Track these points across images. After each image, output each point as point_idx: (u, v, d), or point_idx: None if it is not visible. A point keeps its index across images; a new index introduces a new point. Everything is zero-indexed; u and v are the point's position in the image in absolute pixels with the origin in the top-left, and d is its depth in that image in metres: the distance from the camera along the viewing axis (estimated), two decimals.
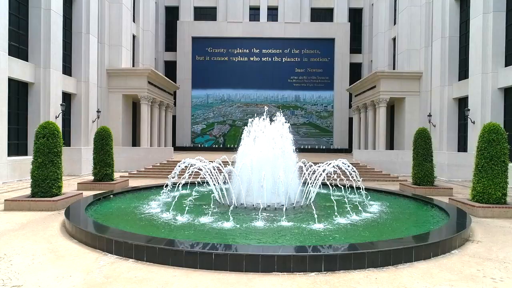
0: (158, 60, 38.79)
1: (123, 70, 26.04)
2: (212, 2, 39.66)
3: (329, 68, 39.09)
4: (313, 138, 39.16)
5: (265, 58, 39.29)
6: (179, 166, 10.46)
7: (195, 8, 39.88)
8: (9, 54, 16.93)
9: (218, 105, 39.44)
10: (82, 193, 11.72)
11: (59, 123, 20.15)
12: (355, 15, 40.15)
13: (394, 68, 30.64)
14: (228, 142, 39.07)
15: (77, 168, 19.76)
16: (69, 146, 22.43)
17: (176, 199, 9.61)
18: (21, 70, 18.09)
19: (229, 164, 12.91)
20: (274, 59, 39.32)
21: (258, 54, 39.28)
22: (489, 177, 10.40)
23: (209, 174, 10.40)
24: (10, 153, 17.27)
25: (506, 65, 18.59)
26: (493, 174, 10.38)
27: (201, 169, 10.77)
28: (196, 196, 10.55)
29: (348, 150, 37.42)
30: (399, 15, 27.92)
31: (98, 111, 23.99)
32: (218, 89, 39.27)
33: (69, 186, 15.35)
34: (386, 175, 19.45)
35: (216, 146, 38.80)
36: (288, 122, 12.38)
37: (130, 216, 9.04)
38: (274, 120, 11.97)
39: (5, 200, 10.36)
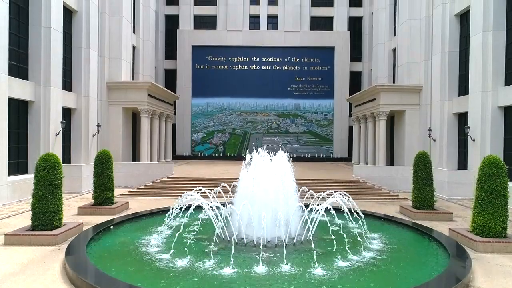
0: (158, 68, 38.79)
1: (123, 83, 26.03)
2: (212, 10, 39.67)
3: (329, 77, 39.11)
4: (313, 146, 39.17)
5: (265, 67, 39.31)
6: (177, 204, 10.46)
7: (195, 17, 39.87)
8: (9, 74, 16.89)
9: (218, 114, 39.46)
10: (82, 223, 11.69)
11: (59, 140, 20.17)
12: (355, 23, 40.15)
13: (394, 79, 30.66)
14: (228, 151, 39.11)
15: (77, 185, 19.74)
16: (69, 161, 22.47)
17: (177, 233, 9.60)
18: (21, 89, 18.08)
19: (229, 190, 12.95)
20: (274, 67, 39.35)
21: (258, 63, 39.31)
22: (489, 211, 10.39)
23: (211, 214, 10.37)
24: (10, 172, 17.25)
25: (506, 84, 18.58)
26: (493, 208, 10.37)
27: (200, 194, 10.84)
28: (197, 228, 10.46)
29: (348, 159, 37.44)
30: (399, 28, 27.91)
31: (98, 125, 23.99)
32: (218, 97, 39.30)
33: (69, 208, 15.31)
34: (386, 193, 19.44)
35: (216, 154, 38.81)
36: (287, 152, 12.41)
37: (130, 257, 9.01)
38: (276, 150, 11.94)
39: (5, 235, 10.34)
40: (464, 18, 22.53)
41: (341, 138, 38.70)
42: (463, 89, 22.34)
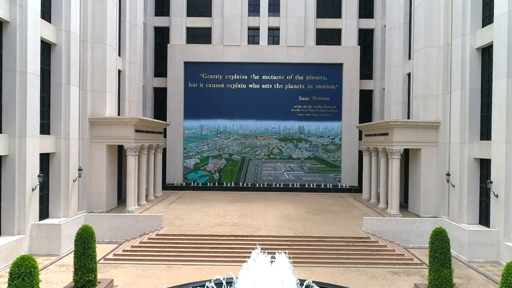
0: (147, 87, 38.69)
1: (107, 119, 25.96)
2: (207, 22, 39.57)
3: (337, 96, 39.07)
4: (319, 174, 39.14)
5: (266, 85, 39.27)
6: None
7: (188, 29, 39.77)
8: None
9: (213, 137, 39.45)
10: None
11: (36, 196, 20.16)
12: (366, 37, 40.07)
13: (408, 107, 30.63)
14: (224, 179, 39.07)
15: (55, 246, 19.56)
16: (47, 212, 22.44)
17: None
18: None
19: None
20: (276, 86, 39.30)
21: (257, 81, 39.27)
22: None
23: None
24: None
25: None
26: None
27: None
28: None
29: (357, 190, 37.28)
30: (414, 54, 27.83)
31: (80, 169, 23.97)
32: (213, 119, 39.29)
33: (47, 285, 15.31)
34: (400, 255, 19.43)
35: (211, 184, 38.76)
36: None
37: None
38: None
39: None
40: (486, 52, 22.46)
41: (350, 164, 38.65)
42: (485, 132, 22.30)
